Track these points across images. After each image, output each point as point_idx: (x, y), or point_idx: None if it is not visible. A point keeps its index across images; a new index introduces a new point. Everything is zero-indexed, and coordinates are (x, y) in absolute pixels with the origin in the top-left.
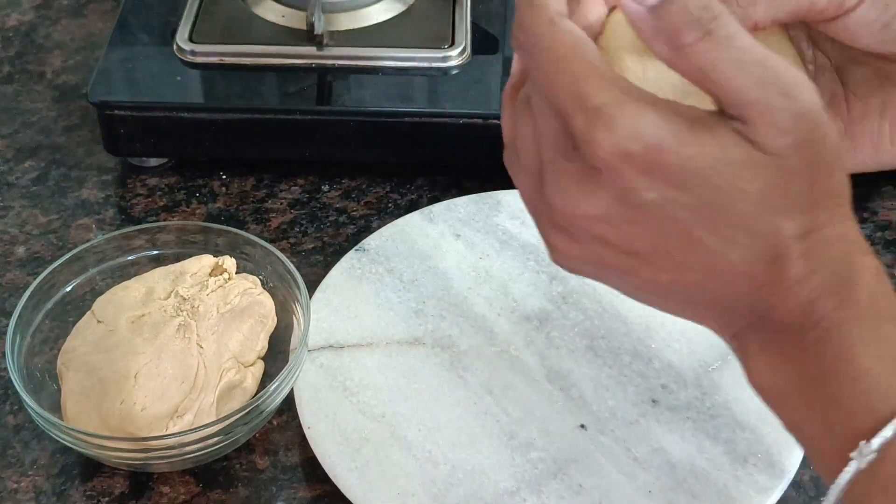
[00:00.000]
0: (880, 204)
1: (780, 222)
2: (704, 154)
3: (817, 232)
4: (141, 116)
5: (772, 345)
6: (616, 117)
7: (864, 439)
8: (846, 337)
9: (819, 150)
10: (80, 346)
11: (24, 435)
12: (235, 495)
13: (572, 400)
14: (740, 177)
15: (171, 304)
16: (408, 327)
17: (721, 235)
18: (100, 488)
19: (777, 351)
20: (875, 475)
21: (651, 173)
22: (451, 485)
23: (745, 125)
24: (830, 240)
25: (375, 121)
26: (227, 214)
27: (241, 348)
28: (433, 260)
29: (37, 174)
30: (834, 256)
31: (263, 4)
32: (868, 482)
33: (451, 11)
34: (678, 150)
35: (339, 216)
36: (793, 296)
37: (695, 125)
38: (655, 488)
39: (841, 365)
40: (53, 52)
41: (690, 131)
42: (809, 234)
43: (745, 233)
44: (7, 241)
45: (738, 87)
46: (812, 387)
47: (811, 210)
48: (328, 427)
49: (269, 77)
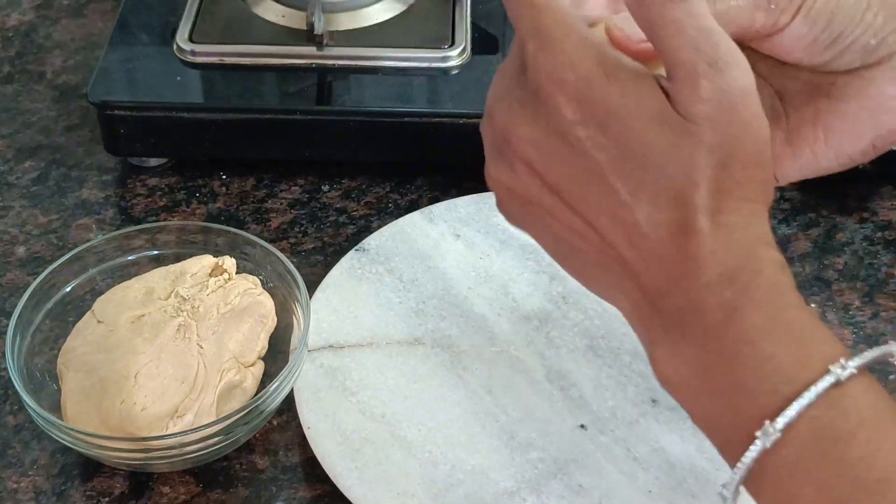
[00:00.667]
0: (880, 204)
1: (687, 188)
2: (626, 97)
3: (722, 216)
4: (141, 116)
5: (674, 330)
6: (560, 45)
7: (768, 419)
8: (748, 322)
9: (736, 135)
10: (80, 346)
11: (24, 435)
12: (235, 495)
13: (572, 400)
14: (652, 128)
15: (172, 305)
16: (408, 327)
17: (630, 185)
18: (100, 488)
19: (679, 336)
20: (782, 456)
21: (579, 104)
22: (451, 485)
23: (670, 83)
24: (735, 226)
25: (375, 121)
26: (227, 214)
27: (241, 348)
28: (433, 260)
29: (37, 174)
30: (737, 242)
31: (263, 4)
32: (776, 464)
33: (451, 11)
34: (604, 88)
35: (340, 216)
36: (695, 276)
37: (626, 71)
38: (655, 488)
39: (744, 349)
40: (53, 52)
41: (620, 75)
42: (715, 215)
43: (653, 185)
44: (7, 241)
45: (675, 46)
46: (715, 373)
47: (718, 192)
48: (328, 427)
49: (269, 77)
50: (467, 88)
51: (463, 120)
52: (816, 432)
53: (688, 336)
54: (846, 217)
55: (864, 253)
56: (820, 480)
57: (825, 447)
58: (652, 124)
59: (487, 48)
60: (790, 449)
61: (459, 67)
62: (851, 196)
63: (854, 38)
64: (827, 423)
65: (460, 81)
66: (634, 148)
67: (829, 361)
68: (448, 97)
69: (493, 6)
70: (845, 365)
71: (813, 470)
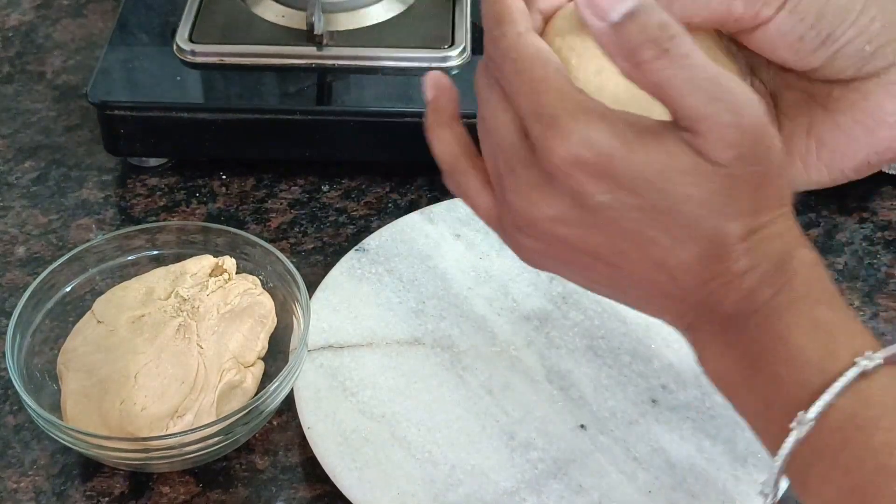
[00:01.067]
0: (880, 204)
1: (724, 224)
2: (652, 161)
3: (759, 231)
4: (141, 116)
5: (720, 334)
6: (570, 126)
7: (801, 410)
8: (782, 320)
9: (762, 160)
10: (80, 347)
11: (24, 435)
12: (235, 495)
13: (572, 400)
14: (686, 182)
15: (172, 305)
16: (408, 327)
17: (671, 235)
18: (100, 488)
19: (724, 339)
20: (813, 444)
21: (602, 178)
22: (451, 485)
23: (694, 136)
24: (771, 237)
25: (375, 121)
26: (227, 214)
27: (241, 348)
28: (433, 260)
29: (37, 174)
30: (773, 251)
31: (263, 4)
32: (808, 452)
33: (451, 11)
34: (627, 157)
35: (339, 216)
36: (736, 288)
37: (644, 134)
38: (655, 488)
39: (778, 345)
40: (53, 52)
41: (639, 140)
42: (752, 234)
43: (691, 233)
44: (7, 242)
45: (691, 103)
46: (753, 368)
47: (754, 213)
48: (328, 427)
49: (269, 77)
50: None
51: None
52: (843, 421)
53: (731, 339)
54: (846, 217)
55: (863, 253)
56: (846, 466)
57: (851, 434)
58: (686, 178)
59: None
60: (820, 437)
61: (459, 67)
62: (851, 196)
63: (847, 41)
64: (852, 412)
65: (460, 81)
66: (671, 204)
67: (857, 354)
68: None
69: None
70: (871, 357)
71: (840, 456)
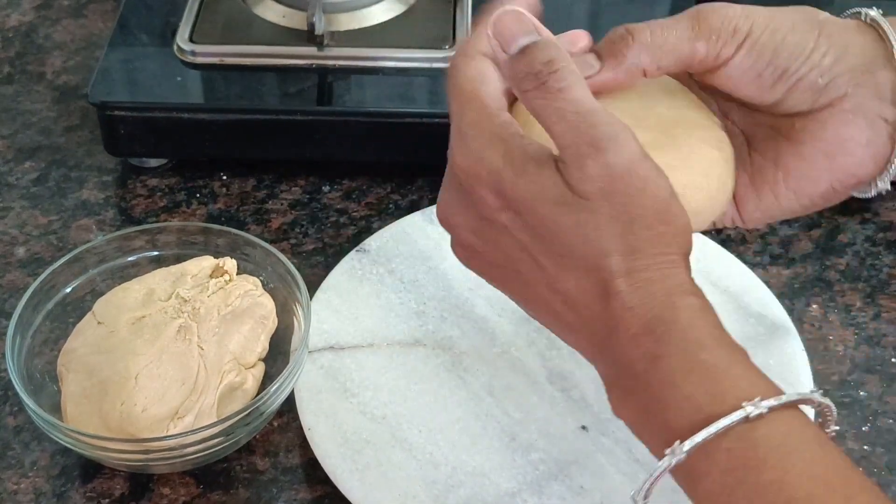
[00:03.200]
0: (881, 204)
1: (599, 258)
2: (530, 185)
3: (637, 274)
4: (141, 117)
5: (614, 379)
6: (471, 143)
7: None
8: (668, 367)
9: (633, 202)
10: (81, 348)
11: (24, 436)
12: (236, 496)
13: (573, 401)
14: (557, 211)
15: (172, 306)
16: (409, 328)
17: (555, 261)
18: (100, 490)
19: (618, 384)
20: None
21: (496, 193)
22: (452, 486)
23: (564, 166)
24: (651, 281)
25: (376, 121)
26: (227, 215)
27: (242, 350)
28: (434, 261)
29: (37, 175)
30: (653, 296)
31: (264, 4)
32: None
33: (452, 11)
34: (513, 179)
35: (340, 217)
36: (620, 331)
37: (529, 160)
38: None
39: (667, 392)
40: (53, 53)
41: (524, 165)
42: (630, 275)
43: (571, 261)
44: (7, 242)
45: (557, 133)
46: (649, 414)
47: (630, 254)
48: (329, 428)
49: (269, 77)
50: None
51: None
52: (732, 461)
53: (623, 384)
54: (848, 218)
55: (865, 254)
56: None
57: (741, 474)
58: (555, 207)
59: None
60: (711, 477)
61: None
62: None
63: (801, 76)
64: (740, 453)
65: None
66: (547, 229)
67: (743, 398)
68: None
69: None
70: (758, 404)
71: (734, 494)
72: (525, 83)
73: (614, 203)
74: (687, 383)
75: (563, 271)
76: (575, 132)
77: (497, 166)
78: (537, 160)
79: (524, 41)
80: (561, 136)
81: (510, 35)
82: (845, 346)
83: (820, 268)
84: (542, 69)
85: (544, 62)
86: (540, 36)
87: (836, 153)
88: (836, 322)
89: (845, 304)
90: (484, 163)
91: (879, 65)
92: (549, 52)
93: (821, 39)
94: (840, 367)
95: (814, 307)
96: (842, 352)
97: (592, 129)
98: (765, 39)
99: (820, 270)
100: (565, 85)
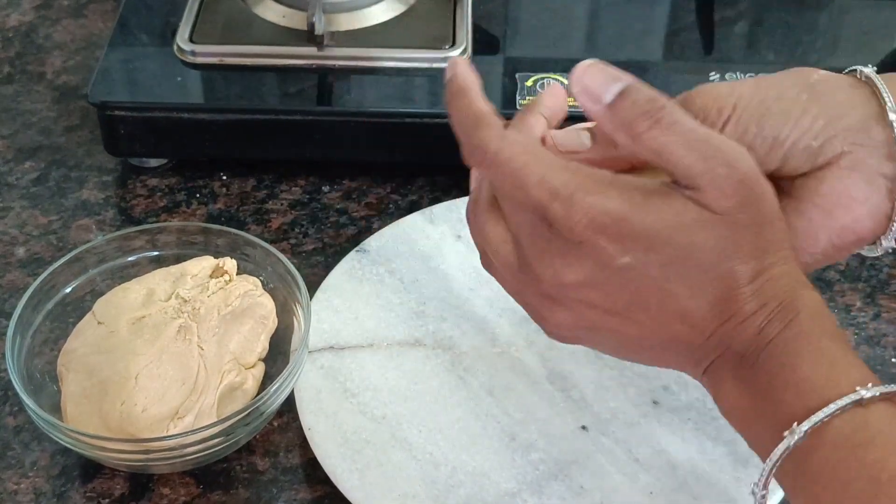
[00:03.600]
0: None
1: (734, 268)
2: (663, 219)
3: (765, 272)
4: (141, 117)
5: (733, 370)
6: (586, 199)
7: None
8: (790, 351)
9: (760, 207)
10: (81, 348)
11: (24, 436)
12: (236, 497)
13: (573, 401)
14: (696, 234)
15: (172, 306)
16: (409, 328)
17: (687, 284)
18: (100, 490)
19: (736, 374)
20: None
21: (621, 240)
22: (452, 486)
23: (695, 192)
24: (777, 277)
25: (376, 121)
26: (227, 215)
27: (242, 350)
28: (434, 261)
29: (37, 175)
30: (780, 289)
31: (264, 4)
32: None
33: (452, 12)
34: (641, 218)
35: (340, 217)
36: (748, 327)
37: (651, 195)
38: (657, 490)
39: (786, 374)
40: (53, 53)
41: (648, 201)
42: (759, 275)
43: (705, 279)
44: (7, 242)
45: (688, 164)
46: (762, 397)
47: (759, 256)
48: (329, 428)
49: (269, 77)
50: None
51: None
52: (840, 439)
53: (744, 373)
54: None
55: None
56: (843, 479)
57: (847, 451)
58: (694, 229)
59: (488, 48)
60: (820, 453)
61: None
62: None
63: (794, 141)
64: (849, 432)
65: None
66: (684, 254)
67: (857, 384)
68: None
69: (493, 6)
70: (869, 388)
71: (838, 470)
72: (638, 125)
73: (749, 211)
74: (807, 366)
75: (696, 291)
76: (705, 157)
77: (622, 211)
78: (660, 193)
79: (616, 88)
80: (692, 165)
81: (601, 86)
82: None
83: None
84: (650, 108)
85: (648, 101)
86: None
87: (834, 209)
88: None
89: (845, 304)
90: (608, 212)
91: (874, 122)
92: (646, 91)
93: (810, 103)
94: None
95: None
96: None
97: (720, 150)
98: (750, 112)
99: (820, 270)
100: (678, 117)
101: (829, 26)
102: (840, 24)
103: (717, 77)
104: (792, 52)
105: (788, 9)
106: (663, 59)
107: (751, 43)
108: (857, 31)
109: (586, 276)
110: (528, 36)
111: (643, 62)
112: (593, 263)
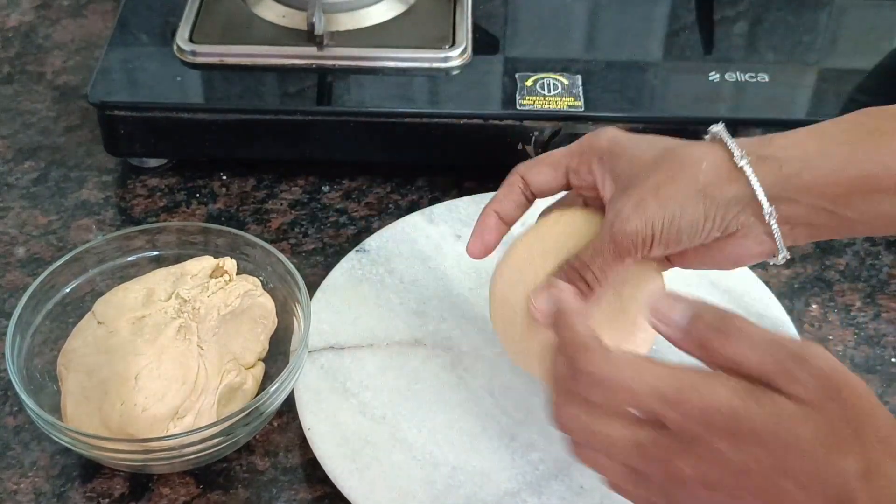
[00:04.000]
0: None
1: (839, 461)
2: (766, 414)
3: (877, 470)
4: (141, 117)
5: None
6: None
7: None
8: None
9: (851, 399)
10: (81, 348)
11: (23, 436)
12: (235, 497)
13: None
14: (795, 425)
15: (172, 306)
16: (408, 328)
17: (797, 481)
18: (100, 489)
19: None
20: None
21: (733, 436)
22: (452, 486)
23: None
24: (892, 477)
25: (376, 121)
26: (227, 215)
27: (242, 350)
28: (434, 261)
29: (37, 175)
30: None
31: (263, 4)
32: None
33: (452, 12)
34: (748, 412)
35: (340, 217)
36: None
37: (752, 391)
38: None
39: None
40: (53, 53)
41: (751, 399)
42: (870, 473)
43: (813, 475)
44: (7, 242)
45: (758, 365)
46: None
47: (863, 451)
48: (329, 428)
49: (269, 77)
50: (468, 89)
51: (463, 120)
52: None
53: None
54: None
55: (865, 254)
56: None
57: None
58: (792, 422)
59: (488, 48)
60: None
61: (460, 68)
62: None
63: (703, 239)
64: None
65: (461, 82)
66: (788, 446)
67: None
68: (449, 97)
69: (493, 6)
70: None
71: None
72: (714, 341)
73: (838, 403)
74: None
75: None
76: (773, 357)
77: (730, 408)
78: (756, 391)
79: (688, 309)
80: (764, 365)
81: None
82: (845, 346)
83: (820, 268)
84: (719, 324)
85: (717, 318)
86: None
87: (734, 261)
88: (835, 322)
89: (845, 304)
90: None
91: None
92: (711, 308)
93: (709, 209)
94: None
95: (814, 307)
96: (841, 352)
97: (784, 348)
98: (667, 234)
99: (820, 270)
100: (743, 324)
101: (829, 26)
102: (840, 24)
103: (717, 77)
104: (792, 52)
105: (788, 9)
106: (663, 59)
107: (751, 43)
108: (857, 31)
109: (701, 471)
110: (527, 36)
111: (643, 62)
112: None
